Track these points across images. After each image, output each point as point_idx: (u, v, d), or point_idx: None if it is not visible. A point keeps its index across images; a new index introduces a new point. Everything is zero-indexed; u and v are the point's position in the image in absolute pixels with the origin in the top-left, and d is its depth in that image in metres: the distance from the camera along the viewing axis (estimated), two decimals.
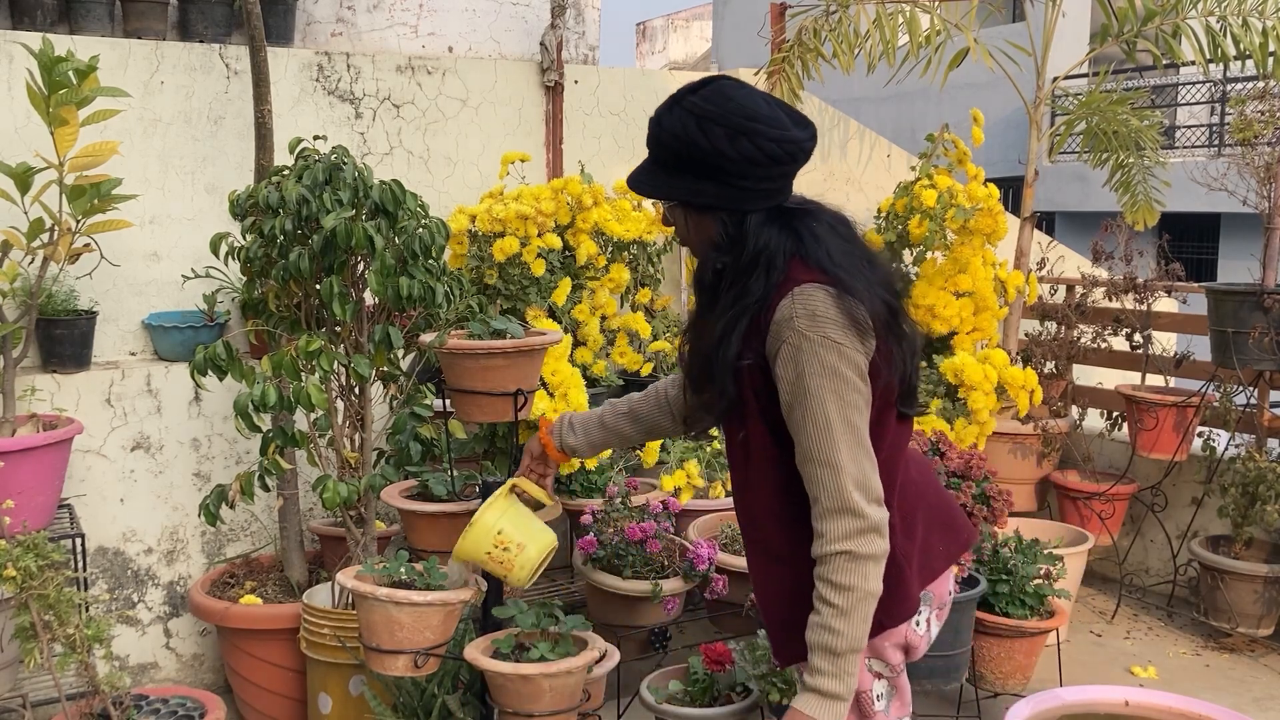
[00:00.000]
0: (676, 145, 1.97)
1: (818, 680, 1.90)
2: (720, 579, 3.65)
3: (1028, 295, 5.09)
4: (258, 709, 3.63)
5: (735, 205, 1.96)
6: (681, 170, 1.98)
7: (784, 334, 1.91)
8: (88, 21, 4.19)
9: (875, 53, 4.94)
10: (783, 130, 1.93)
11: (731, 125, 1.91)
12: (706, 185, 1.96)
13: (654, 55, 26.48)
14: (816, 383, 1.89)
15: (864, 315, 1.91)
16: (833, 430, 1.89)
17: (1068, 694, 3.26)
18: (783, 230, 1.96)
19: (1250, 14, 4.79)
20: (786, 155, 1.94)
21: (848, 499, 1.89)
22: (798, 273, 1.94)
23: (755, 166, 1.92)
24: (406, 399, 3.33)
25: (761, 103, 1.95)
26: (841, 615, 1.89)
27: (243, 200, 3.21)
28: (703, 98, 1.96)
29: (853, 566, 1.89)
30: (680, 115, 1.97)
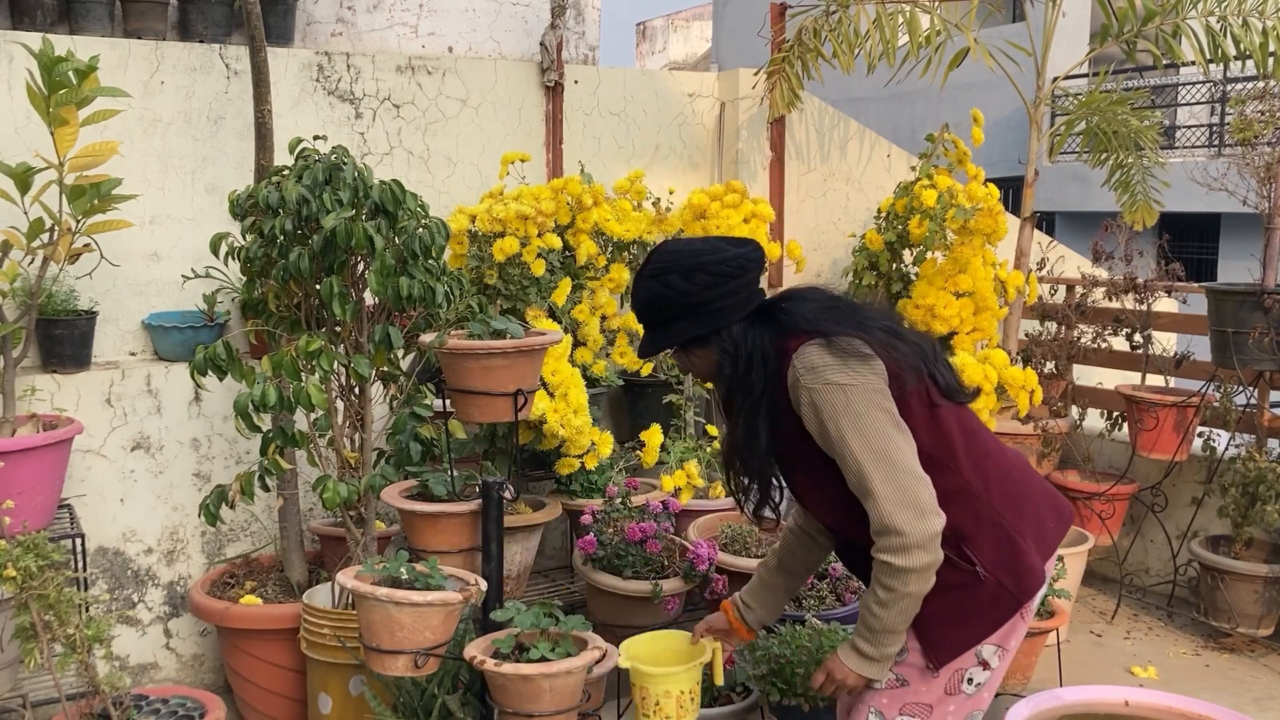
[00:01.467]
0: (652, 307, 2.34)
1: (859, 642, 2.26)
2: (720, 579, 3.65)
3: (1028, 295, 5.09)
4: (258, 709, 3.63)
5: (717, 327, 2.30)
6: (667, 323, 2.33)
7: (798, 395, 2.22)
8: (88, 21, 4.20)
9: (875, 53, 4.94)
10: (723, 253, 2.29)
11: (682, 268, 2.28)
12: (687, 323, 2.31)
13: (654, 55, 26.49)
14: (834, 426, 2.17)
15: (857, 346, 2.20)
16: (861, 464, 2.15)
17: (1068, 694, 3.26)
18: (761, 325, 2.30)
19: (1250, 14, 4.79)
20: (737, 269, 2.28)
21: (888, 521, 2.14)
22: (788, 345, 2.25)
23: (716, 289, 2.27)
24: (406, 399, 3.33)
25: (698, 243, 2.35)
26: (883, 605, 2.19)
27: (243, 200, 3.21)
28: (652, 263, 2.34)
29: (892, 574, 2.16)
30: (644, 285, 2.34)
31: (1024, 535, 2.29)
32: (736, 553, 3.86)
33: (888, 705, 2.32)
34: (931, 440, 2.25)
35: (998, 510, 2.27)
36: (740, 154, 5.25)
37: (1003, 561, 2.26)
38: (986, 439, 2.38)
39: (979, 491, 2.27)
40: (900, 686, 2.31)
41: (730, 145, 5.28)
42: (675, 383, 4.56)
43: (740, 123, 5.24)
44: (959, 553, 2.23)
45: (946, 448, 2.27)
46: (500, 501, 2.91)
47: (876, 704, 2.33)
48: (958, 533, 2.22)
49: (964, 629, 2.27)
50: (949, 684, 2.30)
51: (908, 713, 2.32)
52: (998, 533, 2.26)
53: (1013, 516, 2.29)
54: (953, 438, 2.29)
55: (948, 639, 2.27)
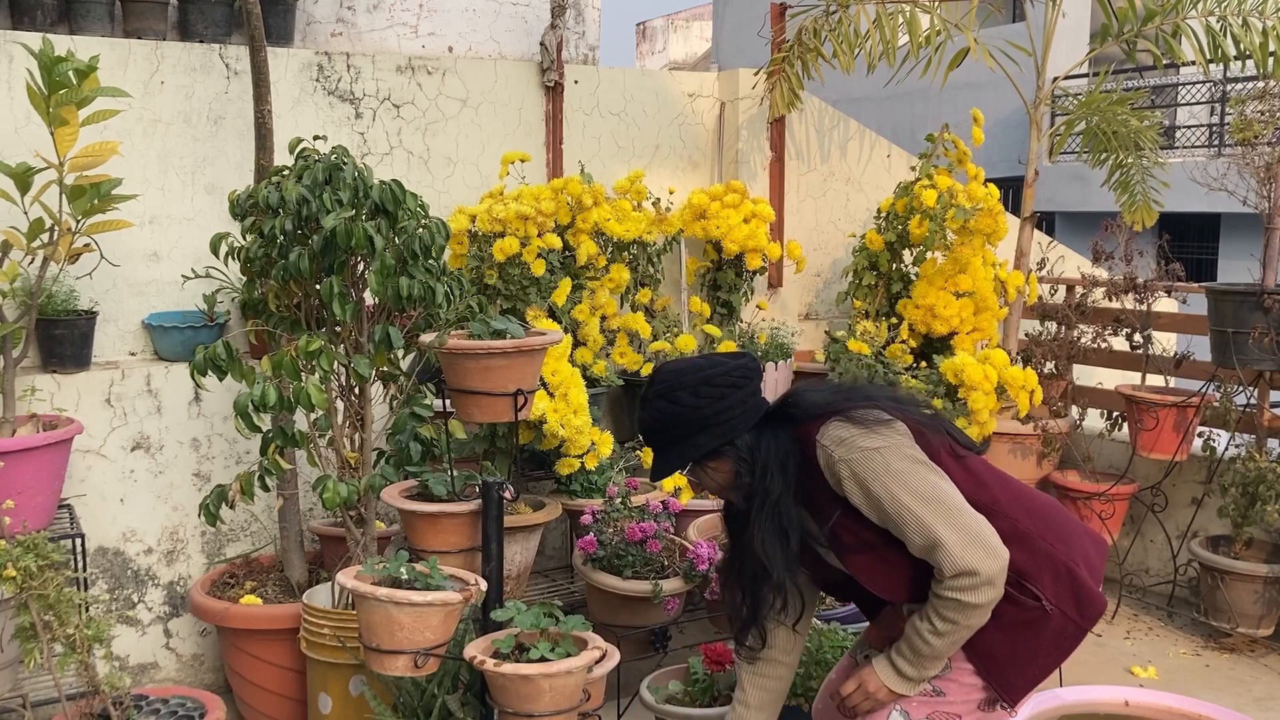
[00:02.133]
0: (662, 426, 2.38)
1: (899, 661, 2.29)
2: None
3: (1028, 295, 5.09)
4: (258, 709, 3.63)
5: (729, 437, 2.35)
6: (678, 440, 2.37)
7: (836, 471, 2.26)
8: (88, 21, 4.20)
9: (875, 53, 4.94)
10: (725, 366, 2.36)
11: (688, 384, 2.34)
12: (700, 437, 2.35)
13: (654, 55, 26.50)
14: (880, 488, 2.21)
15: (876, 414, 2.27)
16: (919, 516, 2.20)
17: (1068, 694, 3.26)
18: (774, 429, 2.35)
19: (1250, 14, 4.79)
20: (741, 379, 2.36)
21: (962, 564, 2.18)
22: (808, 434, 2.31)
23: (723, 400, 2.33)
24: (406, 399, 3.33)
25: (698, 360, 2.42)
26: (938, 635, 2.23)
27: (243, 200, 3.21)
28: (657, 384, 2.39)
29: (959, 609, 2.20)
30: (652, 407, 2.39)
31: (1079, 565, 2.34)
32: None
33: (916, 709, 2.35)
34: (971, 489, 2.31)
35: (1050, 545, 2.33)
36: (740, 154, 5.25)
37: (1065, 594, 2.31)
38: (1015, 480, 2.46)
39: (1028, 529, 2.32)
40: (934, 696, 2.34)
41: (730, 145, 5.28)
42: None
43: (740, 123, 5.24)
44: (1021, 589, 2.29)
45: (987, 494, 2.33)
46: (500, 501, 2.91)
47: (904, 705, 2.36)
48: (1018, 571, 2.28)
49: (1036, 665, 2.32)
50: (982, 701, 2.35)
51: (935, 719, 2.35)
52: (1055, 566, 2.32)
53: (1064, 548, 2.34)
54: (989, 483, 2.36)
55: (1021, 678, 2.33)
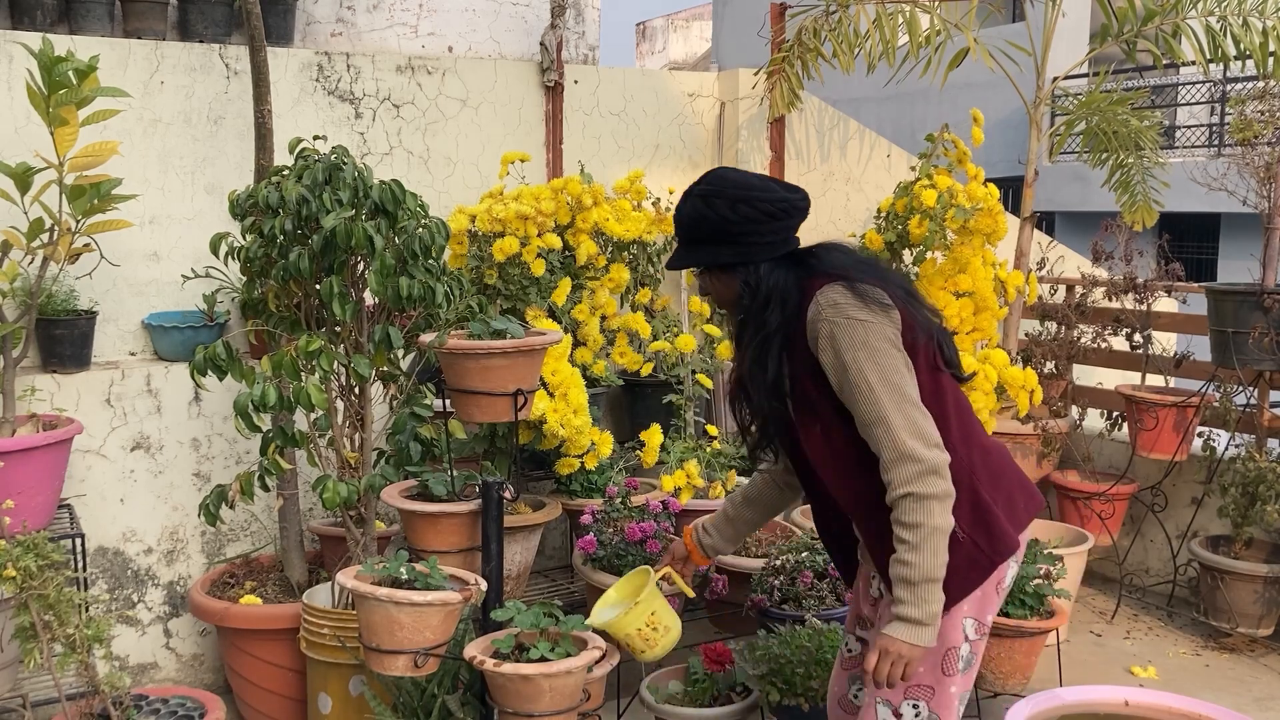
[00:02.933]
0: (692, 224, 2.39)
1: (902, 609, 2.21)
2: (720, 579, 3.65)
3: (1028, 295, 5.09)
4: (258, 709, 3.63)
5: (747, 260, 2.36)
6: (700, 243, 2.39)
7: (818, 328, 2.26)
8: (88, 21, 4.19)
9: (875, 53, 4.94)
10: (772, 193, 2.35)
11: (730, 196, 2.34)
12: (721, 249, 2.37)
13: (654, 55, 26.50)
14: (852, 355, 2.22)
15: (879, 294, 2.27)
16: (875, 391, 2.21)
17: (1068, 694, 3.26)
18: (791, 268, 2.36)
19: (1250, 14, 4.79)
20: (780, 211, 2.35)
21: (903, 447, 2.18)
22: (814, 284, 2.31)
23: (755, 224, 2.33)
24: (406, 399, 3.33)
25: (753, 177, 2.40)
26: (913, 549, 2.18)
27: (243, 200, 3.21)
28: (705, 184, 2.39)
29: (917, 506, 2.18)
30: (691, 203, 2.39)
31: (998, 505, 2.35)
32: (736, 553, 3.86)
33: (892, 694, 2.35)
34: (929, 401, 2.30)
35: (976, 479, 2.33)
36: (740, 154, 5.25)
37: (978, 524, 2.31)
38: (975, 420, 2.45)
39: (962, 458, 2.31)
40: None
41: (730, 145, 5.28)
42: (675, 383, 4.56)
43: (740, 123, 5.24)
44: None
45: (940, 411, 2.32)
46: (500, 501, 2.91)
47: (881, 693, 2.36)
48: None
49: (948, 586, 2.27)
50: (945, 664, 2.34)
51: (912, 696, 2.35)
52: (974, 498, 2.32)
53: (989, 489, 2.34)
54: (947, 404, 2.35)
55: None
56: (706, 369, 4.59)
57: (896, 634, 2.21)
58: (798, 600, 3.57)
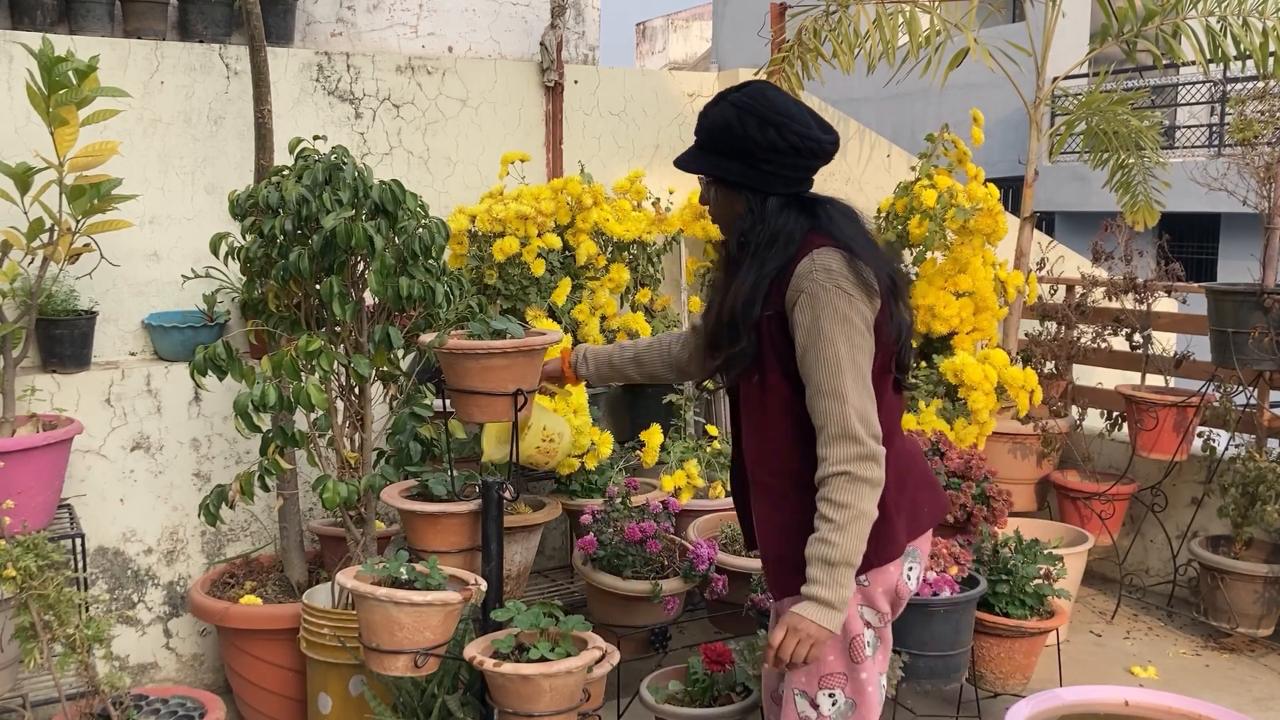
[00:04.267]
0: (716, 130, 2.29)
1: (814, 589, 2.17)
2: (720, 579, 3.65)
3: (1028, 295, 5.09)
4: (258, 709, 3.63)
5: (758, 186, 2.29)
6: (717, 152, 2.30)
7: (803, 285, 2.22)
8: (88, 21, 4.19)
9: (875, 53, 4.94)
10: (806, 128, 2.26)
11: (763, 116, 2.24)
12: (735, 164, 2.29)
13: (654, 55, 26.50)
14: (829, 325, 2.19)
15: (871, 277, 2.24)
16: (841, 366, 2.18)
17: (1068, 694, 3.26)
18: (800, 212, 2.30)
19: (1250, 14, 4.79)
20: (807, 150, 2.26)
21: (850, 426, 2.17)
22: (814, 241, 2.27)
23: (779, 154, 2.25)
24: (406, 399, 3.33)
25: (793, 104, 2.28)
26: (838, 529, 2.16)
27: (243, 200, 3.21)
28: (744, 94, 2.28)
29: (851, 486, 2.16)
30: (723, 107, 2.29)
31: (899, 513, 2.33)
32: (736, 553, 3.86)
33: (806, 683, 2.35)
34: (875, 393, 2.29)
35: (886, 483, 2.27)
36: None
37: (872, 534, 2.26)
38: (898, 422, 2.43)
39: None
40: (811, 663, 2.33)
41: None
42: (675, 383, 4.56)
43: None
44: None
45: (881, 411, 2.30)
46: (500, 501, 2.91)
47: (797, 684, 2.36)
48: None
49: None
50: (853, 651, 2.34)
51: (826, 686, 2.34)
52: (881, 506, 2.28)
53: (894, 493, 2.31)
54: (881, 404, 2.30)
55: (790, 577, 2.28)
56: None
57: (807, 613, 2.17)
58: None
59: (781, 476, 2.30)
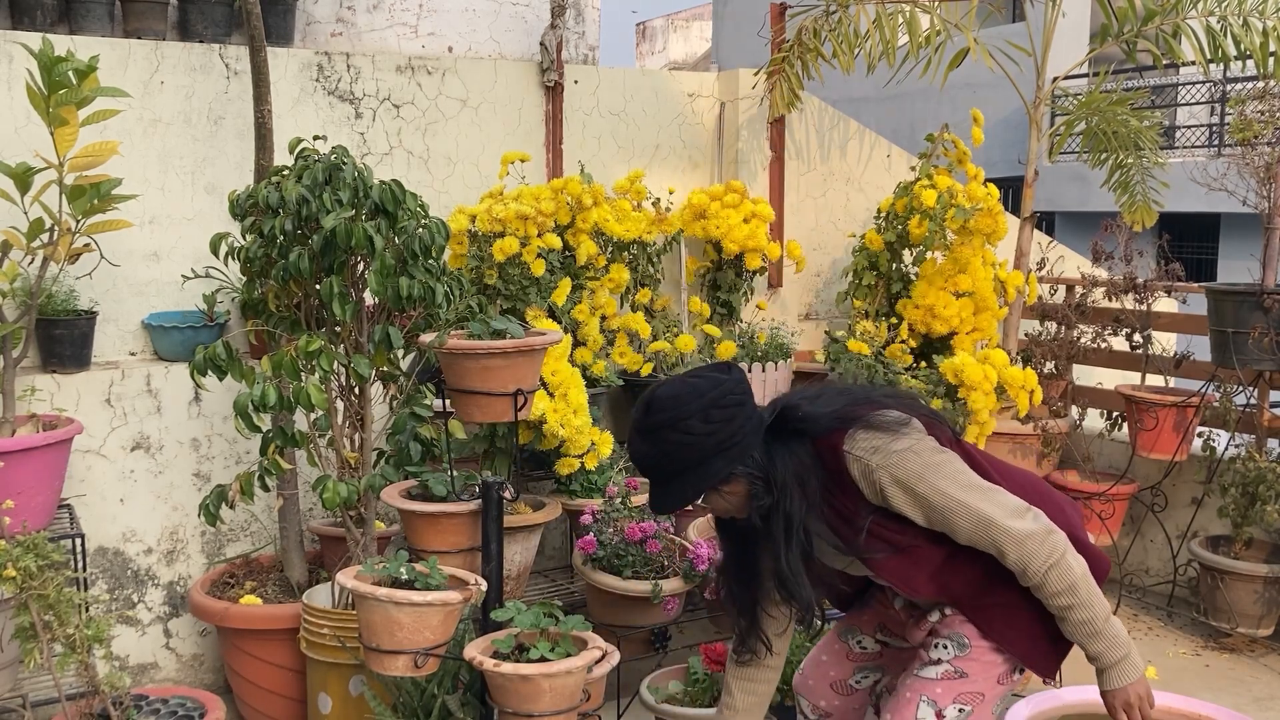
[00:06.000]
0: (676, 456, 2.27)
1: (1103, 660, 2.27)
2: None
3: (1028, 295, 5.09)
4: (258, 709, 3.63)
5: (740, 458, 2.27)
6: (690, 469, 2.27)
7: (877, 479, 2.24)
8: (88, 21, 4.19)
9: (875, 53, 4.94)
10: (725, 385, 2.27)
11: (695, 411, 2.24)
12: (715, 462, 2.26)
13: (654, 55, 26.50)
14: (924, 485, 2.23)
15: (891, 415, 2.28)
16: (964, 501, 2.22)
17: (1068, 694, 3.25)
18: (787, 445, 2.29)
19: (1250, 14, 4.79)
20: (743, 396, 2.28)
21: (1014, 530, 2.21)
22: (830, 444, 2.27)
23: (733, 422, 2.25)
24: (406, 399, 3.33)
25: (696, 382, 2.28)
26: (1082, 607, 2.23)
27: (243, 200, 3.21)
28: (660, 413, 2.26)
29: (1059, 571, 2.22)
30: (658, 438, 2.26)
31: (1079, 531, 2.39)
32: None
33: (942, 695, 2.36)
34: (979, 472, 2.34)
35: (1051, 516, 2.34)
36: (740, 154, 5.25)
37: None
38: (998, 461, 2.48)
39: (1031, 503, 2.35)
40: (958, 678, 2.36)
41: (730, 145, 5.28)
42: None
43: (740, 123, 5.24)
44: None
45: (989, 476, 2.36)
46: (500, 501, 2.91)
47: (929, 693, 2.36)
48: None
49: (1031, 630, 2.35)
50: (1002, 674, 2.38)
51: (961, 701, 2.36)
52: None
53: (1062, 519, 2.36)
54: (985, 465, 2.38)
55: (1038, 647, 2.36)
56: None
57: (1118, 683, 2.26)
58: None
59: (995, 595, 2.34)
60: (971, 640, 2.35)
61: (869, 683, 2.64)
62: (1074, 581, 2.22)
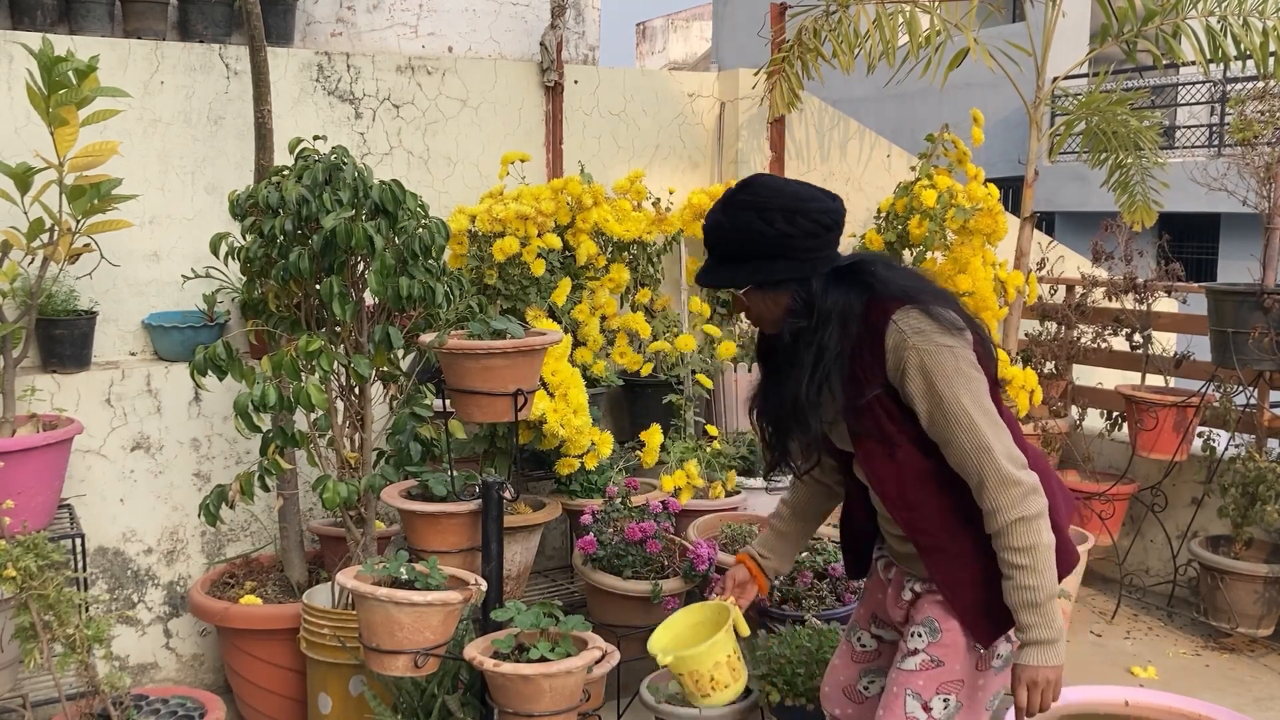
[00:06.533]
0: (743, 238, 2.24)
1: (1030, 634, 2.20)
2: (720, 579, 3.65)
3: (1028, 295, 5.09)
4: (258, 709, 3.63)
5: (802, 275, 2.24)
6: (750, 258, 2.25)
7: (904, 356, 2.19)
8: (88, 21, 4.20)
9: (875, 53, 4.94)
10: (825, 203, 2.24)
11: (785, 208, 2.21)
12: (777, 264, 2.24)
13: (654, 55, 26.50)
14: (945, 384, 2.17)
15: (953, 317, 2.22)
16: (974, 419, 2.17)
17: (1068, 694, 3.25)
18: (849, 286, 2.25)
19: (1250, 14, 4.79)
20: (833, 223, 2.25)
21: (1006, 472, 2.16)
22: (886, 304, 2.22)
23: (813, 238, 2.22)
24: (406, 399, 3.33)
25: (800, 186, 2.27)
26: (1032, 572, 2.17)
27: (243, 200, 3.21)
28: (752, 194, 2.24)
29: (1027, 528, 2.17)
30: (737, 214, 2.24)
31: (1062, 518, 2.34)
32: (736, 552, 3.85)
33: (924, 686, 2.34)
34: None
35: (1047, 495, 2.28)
36: (740, 154, 5.25)
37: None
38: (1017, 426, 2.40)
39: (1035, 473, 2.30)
40: (936, 667, 2.34)
41: (730, 145, 5.28)
42: (675, 383, 4.56)
43: (740, 123, 5.24)
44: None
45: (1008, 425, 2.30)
46: (500, 501, 2.91)
47: (913, 685, 2.34)
48: None
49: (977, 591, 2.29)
50: (980, 661, 2.35)
51: (944, 691, 2.34)
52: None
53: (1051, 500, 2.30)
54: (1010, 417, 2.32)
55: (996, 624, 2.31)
56: (706, 369, 4.59)
57: (1033, 660, 2.20)
58: (798, 600, 3.57)
59: (955, 539, 2.29)
60: (941, 623, 2.33)
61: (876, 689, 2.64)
62: (1036, 543, 2.16)
